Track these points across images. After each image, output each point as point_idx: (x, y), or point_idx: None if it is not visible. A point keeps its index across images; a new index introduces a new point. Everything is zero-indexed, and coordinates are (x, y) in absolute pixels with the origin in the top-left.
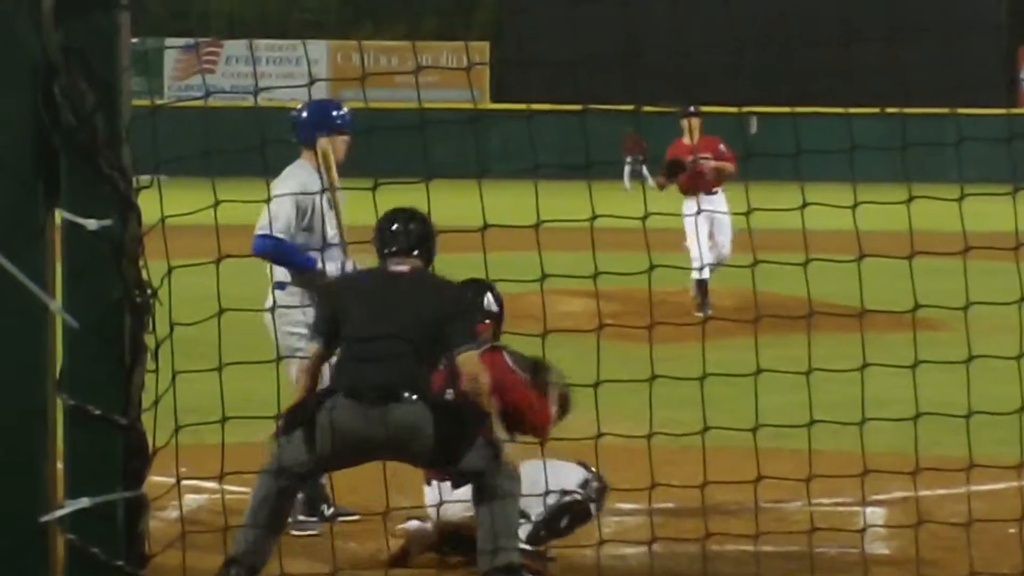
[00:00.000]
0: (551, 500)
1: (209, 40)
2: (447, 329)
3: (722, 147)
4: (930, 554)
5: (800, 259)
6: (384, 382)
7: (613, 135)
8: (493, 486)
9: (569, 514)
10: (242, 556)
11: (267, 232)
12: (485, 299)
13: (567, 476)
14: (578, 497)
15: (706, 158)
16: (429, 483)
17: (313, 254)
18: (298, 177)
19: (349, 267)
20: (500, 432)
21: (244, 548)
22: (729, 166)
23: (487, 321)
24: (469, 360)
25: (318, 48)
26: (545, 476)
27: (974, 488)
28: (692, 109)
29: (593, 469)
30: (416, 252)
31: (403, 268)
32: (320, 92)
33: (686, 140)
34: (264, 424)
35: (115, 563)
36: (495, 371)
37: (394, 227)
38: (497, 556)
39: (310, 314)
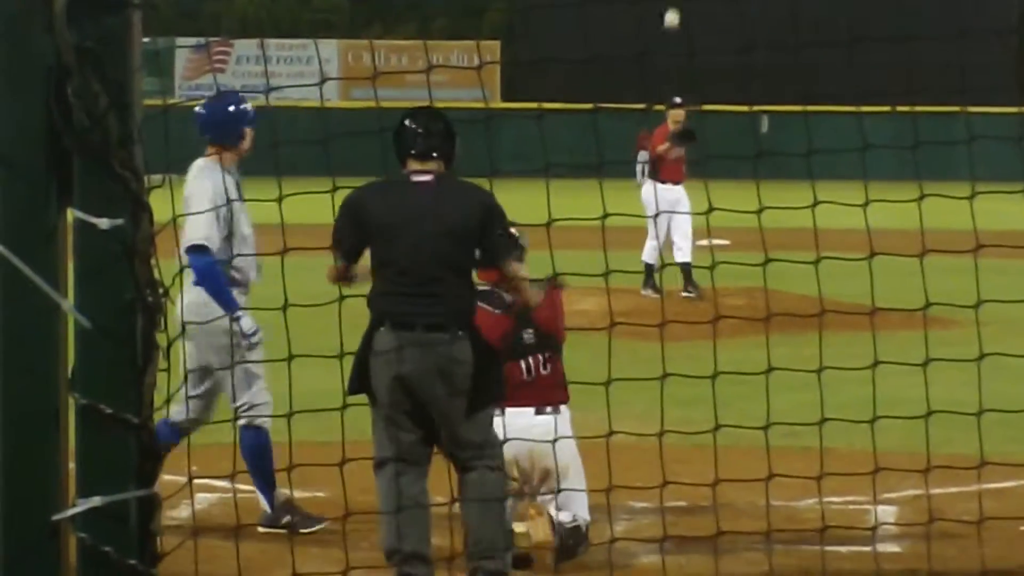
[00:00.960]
0: (582, 513)
1: (220, 40)
2: (485, 242)
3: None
4: (941, 552)
5: (811, 257)
6: (430, 315)
7: (624, 134)
8: (482, 475)
9: (576, 538)
10: (417, 550)
11: (199, 244)
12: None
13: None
14: (586, 521)
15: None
16: (502, 413)
17: (237, 297)
18: (211, 179)
19: (254, 275)
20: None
21: (398, 542)
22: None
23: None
24: (516, 271)
25: (328, 48)
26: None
27: (985, 486)
28: (678, 100)
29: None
30: (436, 154)
31: (426, 178)
32: (331, 91)
33: (671, 126)
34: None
35: (128, 561)
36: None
37: (414, 127)
38: (487, 558)
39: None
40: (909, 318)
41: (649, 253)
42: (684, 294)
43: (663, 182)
